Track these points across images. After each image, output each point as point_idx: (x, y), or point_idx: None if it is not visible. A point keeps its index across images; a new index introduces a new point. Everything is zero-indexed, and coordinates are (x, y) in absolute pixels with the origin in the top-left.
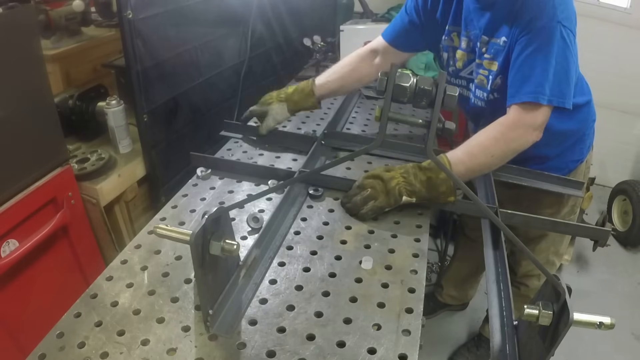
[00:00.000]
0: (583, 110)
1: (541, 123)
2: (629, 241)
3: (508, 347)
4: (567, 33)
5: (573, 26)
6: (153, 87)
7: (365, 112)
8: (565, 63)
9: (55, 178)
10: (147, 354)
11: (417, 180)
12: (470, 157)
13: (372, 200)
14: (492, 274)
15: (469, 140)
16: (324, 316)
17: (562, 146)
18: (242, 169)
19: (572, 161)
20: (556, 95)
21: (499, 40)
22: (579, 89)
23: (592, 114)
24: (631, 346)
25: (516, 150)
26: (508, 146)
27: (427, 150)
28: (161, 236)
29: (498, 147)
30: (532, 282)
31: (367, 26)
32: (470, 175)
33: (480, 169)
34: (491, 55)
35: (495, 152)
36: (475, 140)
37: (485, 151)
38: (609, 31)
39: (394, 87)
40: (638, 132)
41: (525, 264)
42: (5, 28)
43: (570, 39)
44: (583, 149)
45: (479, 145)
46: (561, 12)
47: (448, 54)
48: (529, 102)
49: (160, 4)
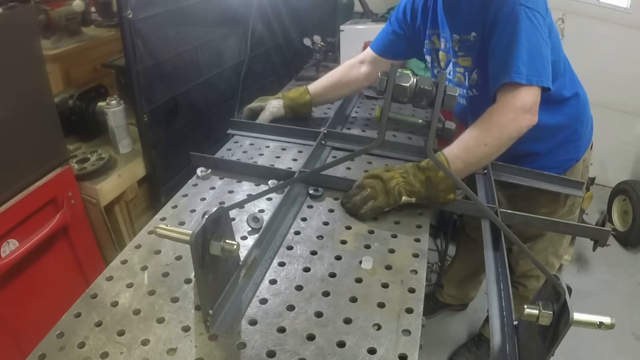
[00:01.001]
0: (571, 104)
1: (531, 105)
2: (629, 241)
3: (508, 347)
4: (532, 14)
5: (540, 7)
6: (153, 87)
7: (365, 112)
8: (536, 43)
9: (55, 178)
10: (147, 354)
11: (416, 180)
12: (466, 151)
13: (371, 200)
14: (492, 274)
15: (463, 134)
16: (324, 316)
17: (551, 142)
18: (242, 169)
19: (567, 160)
20: (533, 74)
21: (469, 37)
22: (567, 82)
23: (584, 109)
24: (631, 346)
25: (511, 136)
26: (501, 133)
27: (427, 150)
28: (161, 236)
29: (491, 135)
30: (530, 283)
31: (367, 26)
32: (469, 170)
33: (478, 161)
34: (464, 52)
35: (489, 141)
36: (468, 133)
37: (479, 142)
38: (609, 31)
39: (394, 87)
40: (638, 132)
41: (523, 264)
42: (5, 28)
43: (538, 20)
44: (578, 147)
45: (472, 138)
46: None
47: (431, 56)
48: (508, 83)
49: (160, 4)
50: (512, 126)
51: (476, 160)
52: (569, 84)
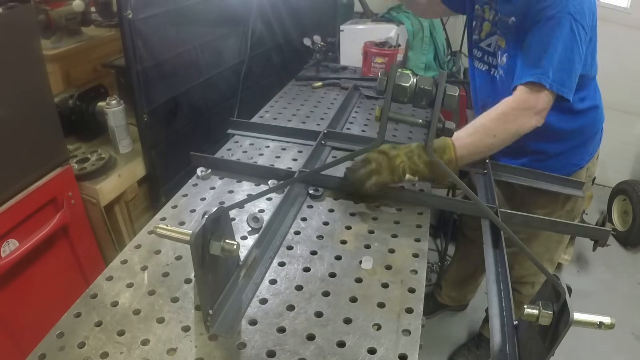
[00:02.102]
0: (589, 115)
1: (542, 108)
2: (629, 241)
3: (508, 347)
4: (577, 27)
5: (585, 22)
6: (153, 87)
7: (365, 112)
8: (570, 54)
9: (55, 178)
10: (147, 354)
11: (420, 161)
12: (474, 138)
13: (376, 175)
14: (492, 274)
15: (473, 121)
16: (324, 316)
17: (562, 146)
18: (242, 169)
19: (572, 164)
20: (557, 82)
21: (508, 20)
22: (590, 93)
23: (599, 121)
24: (631, 346)
25: (517, 132)
26: (512, 128)
27: (428, 150)
28: (161, 236)
29: (502, 128)
30: (525, 289)
31: (367, 26)
32: (471, 158)
33: (483, 151)
34: (501, 32)
35: (498, 133)
36: (479, 121)
37: (489, 132)
38: (609, 31)
39: (394, 87)
40: (638, 132)
41: (519, 268)
42: (5, 28)
43: (580, 34)
44: (584, 154)
45: (482, 126)
46: (573, 6)
47: (476, 22)
48: (532, 82)
49: (160, 4)
50: (519, 122)
51: (481, 150)
52: (591, 95)
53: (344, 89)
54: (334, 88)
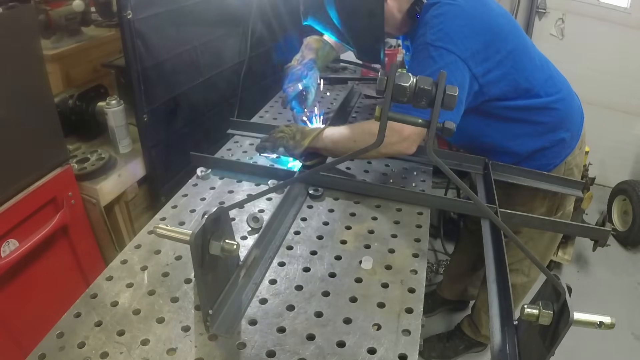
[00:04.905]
0: (550, 113)
1: (407, 135)
2: (629, 241)
3: (508, 347)
4: (438, 53)
5: (451, 45)
6: (153, 87)
7: (365, 112)
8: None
9: (55, 178)
10: (147, 354)
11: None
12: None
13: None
14: (492, 274)
15: (360, 122)
16: (324, 316)
17: (532, 146)
18: (242, 169)
19: (545, 164)
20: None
21: (407, 56)
22: (530, 100)
23: (567, 116)
24: (631, 346)
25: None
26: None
27: (428, 150)
28: (161, 236)
29: (365, 139)
30: (510, 277)
31: None
32: (331, 152)
33: (340, 149)
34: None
35: (359, 141)
36: (359, 124)
37: (354, 136)
38: (609, 31)
39: (393, 87)
40: (638, 132)
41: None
42: (5, 28)
43: (444, 58)
44: (559, 152)
45: (354, 128)
46: (432, 35)
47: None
48: None
49: (160, 4)
50: (387, 145)
51: (340, 150)
52: (543, 97)
53: (344, 87)
54: (334, 88)
